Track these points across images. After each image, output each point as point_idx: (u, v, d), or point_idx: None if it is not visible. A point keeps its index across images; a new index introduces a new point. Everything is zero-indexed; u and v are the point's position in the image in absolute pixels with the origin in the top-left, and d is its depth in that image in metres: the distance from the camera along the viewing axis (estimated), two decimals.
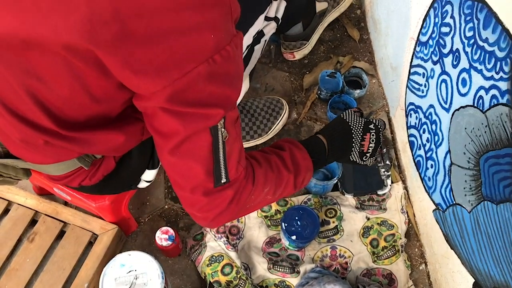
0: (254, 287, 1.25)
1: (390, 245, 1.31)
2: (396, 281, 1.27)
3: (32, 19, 0.59)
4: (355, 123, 1.06)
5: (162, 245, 1.21)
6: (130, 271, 1.08)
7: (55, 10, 0.58)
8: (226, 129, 0.73)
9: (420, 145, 1.24)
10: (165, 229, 1.22)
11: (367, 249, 1.31)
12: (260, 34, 1.10)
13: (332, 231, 1.33)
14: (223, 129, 0.72)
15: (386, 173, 1.36)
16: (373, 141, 1.06)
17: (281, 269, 1.26)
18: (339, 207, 1.35)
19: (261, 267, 1.27)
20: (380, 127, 1.08)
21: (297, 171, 0.94)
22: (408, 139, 1.33)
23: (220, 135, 0.73)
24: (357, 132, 1.05)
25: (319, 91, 1.51)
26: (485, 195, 0.92)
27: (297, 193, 1.39)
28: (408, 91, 1.29)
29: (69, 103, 0.71)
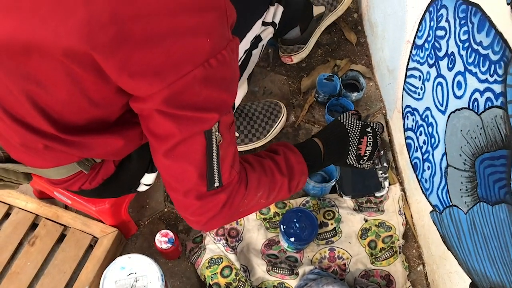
0: None
1: (388, 246, 1.31)
2: (394, 282, 1.27)
3: (31, 24, 0.59)
4: (352, 126, 1.05)
5: (161, 247, 1.21)
6: (130, 274, 1.08)
7: (53, 14, 0.58)
8: (220, 133, 0.73)
9: (417, 147, 1.24)
10: (164, 232, 1.22)
11: (365, 250, 1.31)
12: (257, 39, 1.10)
13: (330, 233, 1.33)
14: (217, 133, 0.73)
15: (383, 175, 1.37)
16: (370, 144, 1.05)
17: (280, 271, 1.26)
18: (337, 209, 1.36)
19: (260, 269, 1.28)
20: (377, 131, 1.07)
21: (291, 175, 0.93)
22: (405, 141, 1.33)
23: (214, 139, 0.73)
24: (354, 135, 1.04)
25: (317, 94, 1.51)
26: (481, 197, 0.92)
27: (295, 196, 1.39)
28: (404, 93, 1.29)
29: (68, 107, 0.71)
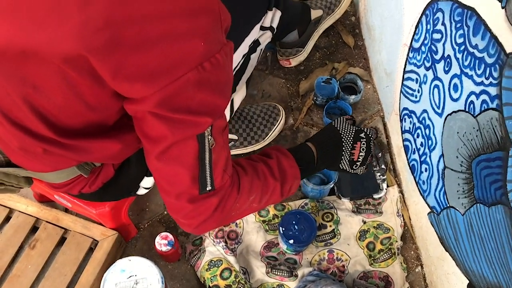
0: None
1: (386, 248, 1.31)
2: (392, 284, 1.28)
3: (28, 29, 0.60)
4: (346, 131, 1.05)
5: (161, 250, 1.21)
6: (130, 276, 1.09)
7: (49, 19, 0.59)
8: (213, 137, 0.74)
9: (414, 149, 1.24)
10: (164, 234, 1.22)
11: (363, 252, 1.32)
12: (256, 43, 1.11)
13: (329, 234, 1.33)
14: (210, 137, 0.73)
15: (381, 177, 1.38)
16: (363, 149, 1.05)
17: (279, 273, 1.27)
18: (336, 211, 1.36)
19: (260, 271, 1.28)
20: (371, 136, 1.07)
21: (284, 179, 0.94)
22: (402, 143, 1.33)
23: (206, 142, 0.73)
24: (348, 140, 1.04)
25: (315, 97, 1.52)
26: (478, 198, 0.93)
27: (294, 198, 1.40)
28: (402, 96, 1.30)
29: (65, 111, 0.72)
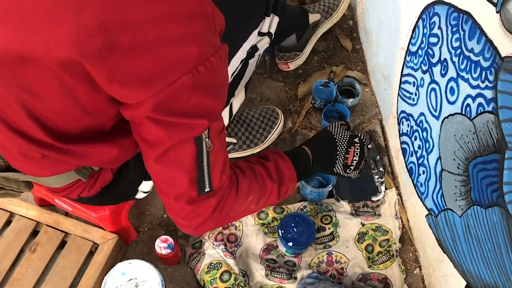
0: None
1: (385, 250, 1.32)
2: (391, 286, 1.28)
3: (23, 35, 0.60)
4: (340, 136, 1.06)
5: (161, 253, 1.22)
6: (130, 280, 1.09)
7: (44, 25, 0.59)
8: (210, 139, 0.74)
9: (412, 152, 1.25)
10: (164, 237, 1.23)
11: (362, 254, 1.32)
12: (254, 48, 1.11)
13: (328, 237, 1.34)
14: (207, 139, 0.73)
15: (380, 179, 1.38)
16: (357, 154, 1.06)
17: (278, 275, 1.27)
18: (335, 214, 1.37)
19: (259, 273, 1.28)
20: (364, 141, 1.08)
21: (281, 181, 0.94)
22: (400, 146, 1.34)
23: (204, 145, 0.73)
24: (342, 145, 1.05)
25: (313, 101, 1.53)
26: (474, 200, 0.93)
27: (293, 201, 1.40)
28: (399, 99, 1.30)
29: (62, 116, 0.72)
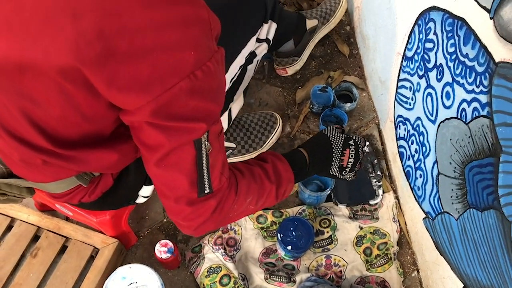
0: None
1: (383, 253, 1.32)
2: None
3: (22, 43, 0.61)
4: (336, 138, 1.07)
5: (161, 257, 1.22)
6: (131, 284, 1.09)
7: (43, 33, 0.60)
8: (209, 142, 0.75)
9: (409, 155, 1.26)
10: (164, 242, 1.23)
11: (360, 257, 1.33)
12: (252, 54, 1.13)
13: (326, 240, 1.35)
14: (206, 142, 0.74)
15: (377, 183, 1.39)
16: (352, 156, 1.07)
17: (277, 279, 1.27)
18: (333, 217, 1.37)
19: (258, 277, 1.29)
20: (359, 144, 1.10)
21: (279, 183, 0.96)
22: (397, 150, 1.35)
23: (203, 148, 0.74)
24: (337, 147, 1.07)
25: (311, 105, 1.54)
26: (471, 203, 0.94)
27: (292, 205, 1.41)
28: (396, 104, 1.31)
29: (62, 122, 0.73)
